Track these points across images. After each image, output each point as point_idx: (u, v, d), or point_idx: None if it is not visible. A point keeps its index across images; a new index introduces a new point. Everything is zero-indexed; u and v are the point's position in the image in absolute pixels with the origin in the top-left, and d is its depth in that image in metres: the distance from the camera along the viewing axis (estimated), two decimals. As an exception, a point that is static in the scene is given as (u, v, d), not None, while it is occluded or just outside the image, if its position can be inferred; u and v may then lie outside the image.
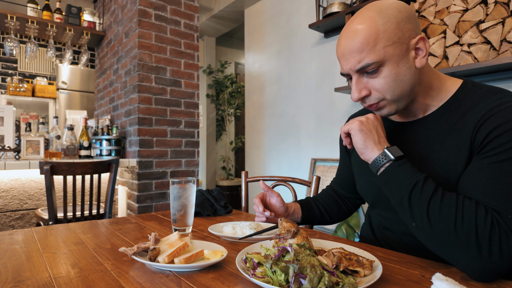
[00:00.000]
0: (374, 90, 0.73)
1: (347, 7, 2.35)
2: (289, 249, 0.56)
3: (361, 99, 0.75)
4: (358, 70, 0.72)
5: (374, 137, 0.73)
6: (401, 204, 0.67)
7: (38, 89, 3.73)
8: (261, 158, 3.45)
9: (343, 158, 1.07)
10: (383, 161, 0.70)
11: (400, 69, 0.71)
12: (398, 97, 0.73)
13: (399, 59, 0.70)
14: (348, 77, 0.78)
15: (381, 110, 0.76)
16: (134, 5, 2.48)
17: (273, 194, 0.99)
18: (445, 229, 0.60)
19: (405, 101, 0.75)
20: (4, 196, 2.14)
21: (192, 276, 0.62)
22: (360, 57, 0.70)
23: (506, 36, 1.55)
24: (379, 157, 0.70)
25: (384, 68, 0.70)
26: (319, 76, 2.79)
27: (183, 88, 2.67)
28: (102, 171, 1.87)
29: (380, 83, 0.71)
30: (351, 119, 1.06)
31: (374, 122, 0.75)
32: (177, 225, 0.92)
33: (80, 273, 0.62)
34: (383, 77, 0.71)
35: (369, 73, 0.72)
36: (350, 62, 0.72)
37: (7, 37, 2.66)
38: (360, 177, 0.95)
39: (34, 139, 2.26)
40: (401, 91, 0.72)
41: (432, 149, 0.75)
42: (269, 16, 3.35)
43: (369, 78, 0.72)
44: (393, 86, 0.71)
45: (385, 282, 0.57)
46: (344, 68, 0.75)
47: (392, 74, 0.70)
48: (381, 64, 0.70)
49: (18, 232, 0.94)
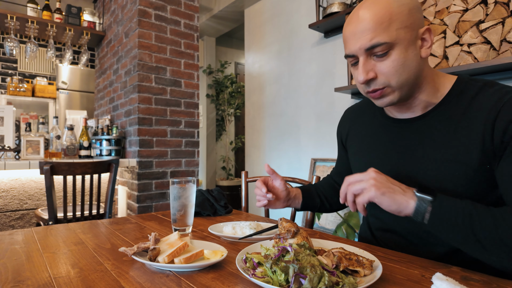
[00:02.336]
0: (381, 74, 0.72)
1: (347, 7, 2.35)
2: (289, 249, 0.56)
3: (367, 82, 0.73)
4: (368, 49, 0.70)
5: (397, 189, 0.67)
6: (467, 243, 0.62)
7: (38, 89, 3.73)
8: (261, 158, 3.44)
9: (341, 153, 1.07)
10: (423, 207, 0.64)
11: (408, 55, 0.70)
12: (403, 84, 0.72)
13: (409, 44, 0.70)
14: (353, 60, 0.75)
15: (384, 98, 0.75)
16: (134, 5, 2.48)
17: (277, 177, 0.97)
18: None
19: (407, 90, 0.74)
20: (4, 196, 2.14)
21: (192, 276, 0.62)
22: (372, 35, 0.69)
23: (506, 36, 1.55)
24: (418, 205, 0.65)
25: (393, 51, 0.69)
26: (319, 76, 2.79)
27: (183, 88, 2.67)
28: (102, 171, 1.87)
29: (388, 66, 0.70)
30: (347, 112, 1.04)
31: (381, 176, 0.69)
32: (177, 225, 0.92)
33: (80, 273, 0.62)
34: (391, 61, 0.70)
35: (378, 55, 0.70)
36: (361, 41, 0.70)
37: (7, 37, 2.66)
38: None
39: (34, 139, 2.26)
40: (407, 77, 0.71)
41: (438, 148, 0.74)
42: (269, 16, 3.35)
43: (377, 60, 0.71)
44: (400, 71, 0.70)
45: (385, 282, 0.57)
46: (351, 48, 0.73)
47: (400, 58, 0.70)
48: (391, 46, 0.69)
49: (18, 232, 0.94)
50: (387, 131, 0.85)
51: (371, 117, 0.93)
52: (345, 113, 1.06)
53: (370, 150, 0.90)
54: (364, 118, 0.96)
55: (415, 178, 0.76)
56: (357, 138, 0.96)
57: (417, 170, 0.77)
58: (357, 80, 0.75)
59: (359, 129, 0.96)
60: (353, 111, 1.02)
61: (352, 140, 0.98)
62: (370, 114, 0.94)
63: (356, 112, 1.00)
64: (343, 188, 0.73)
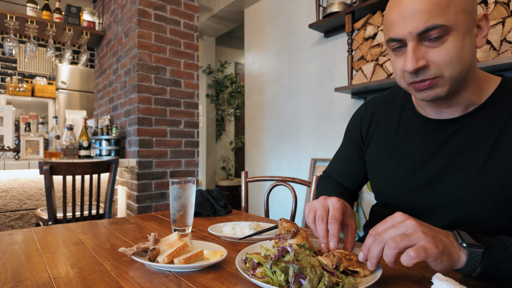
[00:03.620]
0: (433, 63, 0.63)
1: (347, 7, 2.35)
2: (289, 249, 0.56)
3: (416, 71, 0.64)
4: (421, 33, 0.62)
5: (447, 241, 0.52)
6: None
7: (38, 89, 3.73)
8: (261, 158, 3.44)
9: (349, 152, 0.95)
10: (477, 260, 0.52)
11: (465, 43, 0.62)
12: (456, 76, 0.64)
13: (466, 31, 0.62)
14: (397, 45, 0.66)
15: (432, 89, 0.65)
16: (134, 4, 2.48)
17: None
18: None
19: (458, 84, 0.66)
20: (3, 196, 2.14)
21: (191, 276, 0.61)
22: (428, 16, 0.60)
23: (506, 36, 1.55)
24: (471, 258, 0.52)
25: (449, 37, 0.61)
26: (319, 76, 2.79)
27: (182, 88, 2.67)
28: (101, 171, 1.86)
29: (442, 54, 0.62)
30: (368, 105, 0.90)
31: (424, 224, 0.54)
32: (176, 225, 0.92)
33: (80, 274, 0.62)
34: (446, 48, 0.62)
35: (432, 40, 0.62)
36: (413, 23, 0.62)
37: (7, 37, 2.65)
38: (381, 177, 0.84)
39: (33, 139, 2.26)
40: (461, 69, 0.63)
41: (481, 154, 0.67)
42: (269, 16, 3.35)
43: (429, 47, 0.63)
44: (455, 60, 0.62)
45: (385, 282, 0.57)
46: (399, 32, 0.64)
47: (457, 46, 0.61)
48: (448, 31, 0.61)
49: (18, 232, 0.93)
50: (420, 132, 0.77)
51: (399, 114, 0.83)
52: (365, 106, 0.93)
53: (398, 153, 0.80)
54: (391, 114, 0.85)
55: (454, 187, 0.70)
56: (380, 136, 0.85)
57: (456, 178, 0.70)
58: (401, 68, 0.67)
59: (384, 127, 0.85)
60: (377, 105, 0.90)
61: (374, 139, 0.87)
62: (398, 110, 0.83)
63: (380, 106, 0.89)
64: (369, 241, 0.56)
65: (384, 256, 0.52)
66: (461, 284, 0.47)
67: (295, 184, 1.47)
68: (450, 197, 0.71)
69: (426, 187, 0.75)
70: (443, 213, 0.73)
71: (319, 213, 0.66)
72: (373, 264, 0.55)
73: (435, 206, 0.74)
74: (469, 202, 0.69)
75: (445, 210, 0.72)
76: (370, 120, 0.89)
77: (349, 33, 2.28)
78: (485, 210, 0.67)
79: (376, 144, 0.87)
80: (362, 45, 2.21)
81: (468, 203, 0.69)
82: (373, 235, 0.56)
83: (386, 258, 0.52)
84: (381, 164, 0.84)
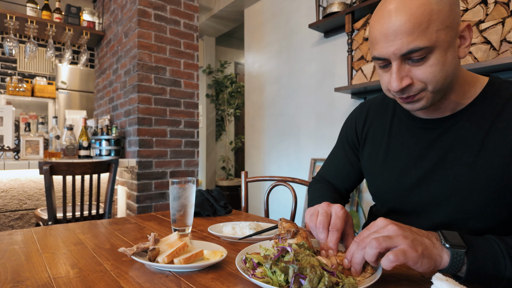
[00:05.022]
0: (417, 80, 0.65)
1: (347, 7, 2.35)
2: (288, 249, 0.56)
3: (401, 90, 0.66)
4: (404, 54, 0.63)
5: (427, 242, 0.54)
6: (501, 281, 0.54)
7: (38, 89, 3.73)
8: (261, 158, 3.44)
9: (344, 153, 0.96)
10: (460, 260, 0.53)
11: (447, 58, 0.63)
12: (439, 89, 0.65)
13: (448, 46, 0.63)
14: (383, 63, 0.68)
15: (417, 102, 0.68)
16: (134, 4, 2.48)
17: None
18: None
19: (442, 93, 0.68)
20: (3, 196, 2.14)
21: (191, 276, 0.61)
22: (409, 39, 0.61)
23: (506, 36, 1.55)
24: (454, 258, 0.53)
25: (432, 55, 0.62)
26: (319, 76, 2.78)
27: (182, 88, 2.67)
28: (101, 171, 1.86)
29: (425, 72, 0.63)
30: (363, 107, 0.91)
31: (404, 228, 0.55)
32: (176, 225, 0.92)
33: (80, 274, 0.62)
34: (429, 66, 0.63)
35: (414, 60, 0.63)
36: (395, 45, 0.62)
37: (7, 37, 2.65)
38: (376, 178, 0.85)
39: (33, 139, 2.26)
40: (444, 82, 0.65)
41: (470, 151, 0.69)
42: (269, 16, 3.35)
43: (412, 65, 0.64)
44: (439, 76, 0.63)
45: (385, 282, 0.57)
46: (383, 51, 0.65)
47: (439, 62, 0.63)
48: (430, 50, 0.62)
49: (18, 232, 0.93)
50: (412, 132, 0.79)
51: (392, 115, 0.85)
52: (359, 107, 0.95)
53: (391, 153, 0.82)
54: (384, 115, 0.86)
55: (445, 184, 0.72)
56: (374, 137, 0.87)
57: (447, 176, 0.71)
58: (387, 85, 0.68)
59: (378, 128, 0.87)
60: (371, 107, 0.91)
61: (368, 140, 0.89)
62: (391, 111, 0.85)
63: (374, 108, 0.90)
64: (353, 248, 0.57)
65: (366, 255, 0.53)
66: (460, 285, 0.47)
67: (295, 184, 1.47)
68: (442, 195, 0.72)
69: (419, 186, 0.76)
70: (436, 210, 0.74)
71: (321, 219, 0.66)
72: (357, 270, 0.56)
73: (428, 204, 0.75)
74: (461, 199, 0.70)
75: (438, 208, 0.74)
76: (365, 121, 0.91)
77: (349, 33, 2.28)
78: (476, 207, 0.69)
79: (370, 145, 0.88)
80: (362, 45, 2.21)
81: (460, 200, 0.70)
82: (357, 242, 0.57)
83: (368, 258, 0.53)
84: (376, 164, 0.86)
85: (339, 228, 0.65)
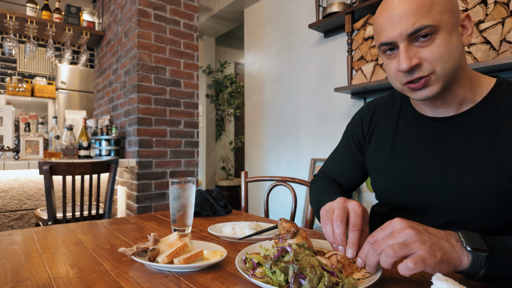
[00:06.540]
0: (425, 61, 0.66)
1: (347, 7, 2.35)
2: (288, 249, 0.56)
3: (410, 69, 0.67)
4: (410, 34, 0.65)
5: (446, 245, 0.52)
6: None
7: (37, 89, 3.73)
8: (261, 158, 3.44)
9: (349, 151, 0.96)
10: (480, 263, 0.52)
11: (453, 40, 0.66)
12: (448, 72, 0.67)
13: (452, 29, 0.66)
14: (388, 48, 0.70)
15: (427, 87, 0.68)
16: (134, 5, 2.48)
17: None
18: None
19: (451, 79, 0.68)
20: (3, 196, 2.14)
21: (191, 276, 0.61)
22: (414, 19, 0.64)
23: (506, 36, 1.55)
24: (475, 262, 0.52)
25: (437, 36, 0.65)
26: (319, 76, 2.79)
27: (182, 88, 2.67)
28: (101, 171, 1.86)
29: (432, 52, 0.65)
30: (369, 106, 0.92)
31: (421, 231, 0.52)
32: (176, 226, 0.92)
33: (79, 274, 0.62)
34: (436, 46, 0.65)
35: (422, 39, 0.65)
36: (401, 26, 0.65)
37: (6, 37, 2.65)
38: (380, 175, 0.86)
39: (33, 139, 2.26)
40: (452, 64, 0.66)
41: (478, 151, 0.69)
42: (269, 16, 3.35)
43: (419, 46, 0.66)
44: (446, 57, 0.65)
45: (385, 282, 0.57)
46: (389, 35, 0.67)
47: (445, 43, 0.65)
48: (435, 30, 0.65)
49: (17, 232, 0.93)
50: (418, 130, 0.79)
51: (398, 113, 0.85)
52: (366, 106, 0.96)
53: (396, 151, 0.82)
54: (391, 113, 0.87)
55: (451, 184, 0.71)
56: (380, 135, 0.88)
57: (453, 175, 0.71)
58: (395, 69, 0.69)
59: (384, 125, 0.87)
60: (378, 105, 0.92)
61: (374, 137, 0.89)
62: (397, 109, 0.86)
63: (381, 106, 0.91)
64: (366, 249, 0.56)
65: (382, 263, 0.52)
66: (461, 284, 0.47)
67: (294, 184, 1.47)
68: (448, 195, 0.72)
69: (423, 185, 0.76)
70: (441, 210, 0.73)
71: (338, 213, 0.63)
72: (372, 270, 0.55)
73: (432, 204, 0.75)
74: (467, 200, 0.70)
75: (443, 208, 0.73)
76: (371, 119, 0.92)
77: (349, 33, 2.28)
78: (482, 207, 0.68)
79: (375, 142, 0.89)
80: (362, 45, 2.21)
81: (466, 200, 0.70)
82: (371, 243, 0.55)
83: (383, 265, 0.52)
84: (380, 162, 0.85)
85: (359, 226, 0.62)
